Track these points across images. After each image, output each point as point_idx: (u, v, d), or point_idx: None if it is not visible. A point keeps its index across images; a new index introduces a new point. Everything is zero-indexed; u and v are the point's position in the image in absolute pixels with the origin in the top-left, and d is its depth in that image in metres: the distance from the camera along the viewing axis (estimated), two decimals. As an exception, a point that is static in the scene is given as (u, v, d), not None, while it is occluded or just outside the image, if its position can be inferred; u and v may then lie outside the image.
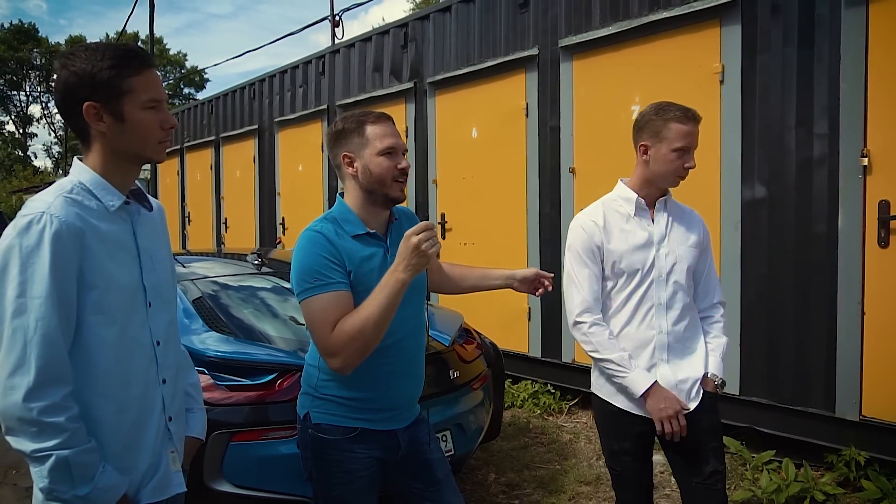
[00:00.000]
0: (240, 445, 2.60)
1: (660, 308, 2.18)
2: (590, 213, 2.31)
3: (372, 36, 6.98)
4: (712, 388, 2.20)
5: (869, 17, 3.38)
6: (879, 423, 3.40)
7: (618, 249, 2.21)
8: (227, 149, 9.84)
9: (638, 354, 2.19)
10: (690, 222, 2.28)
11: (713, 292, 2.31)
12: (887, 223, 3.35)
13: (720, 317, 2.30)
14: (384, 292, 1.72)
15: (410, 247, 1.69)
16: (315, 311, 1.77)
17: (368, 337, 1.72)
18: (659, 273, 2.18)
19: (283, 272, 3.83)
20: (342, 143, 1.92)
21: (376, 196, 1.90)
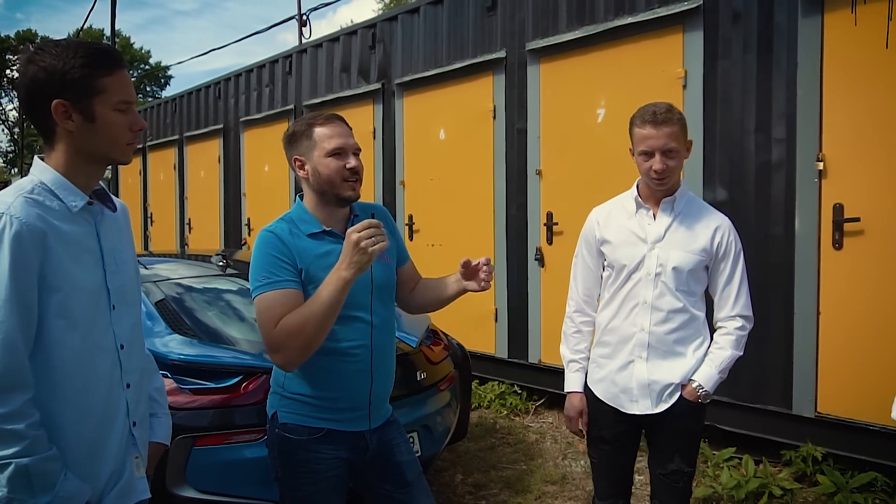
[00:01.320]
0: (204, 450, 2.56)
1: (644, 306, 2.19)
2: (600, 207, 2.38)
3: (340, 36, 6.95)
4: (692, 396, 2.17)
5: (824, 26, 3.48)
6: (834, 420, 3.51)
7: (612, 242, 2.26)
8: (192, 148, 9.69)
9: (621, 349, 2.24)
10: (702, 227, 2.20)
11: (732, 305, 2.21)
12: (841, 226, 3.46)
13: (734, 330, 2.20)
14: (326, 290, 1.73)
15: (351, 244, 1.70)
16: (262, 307, 1.80)
17: (310, 334, 1.73)
18: (647, 272, 2.19)
19: (248, 274, 3.78)
20: (294, 146, 1.95)
21: (328, 196, 1.92)
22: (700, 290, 2.23)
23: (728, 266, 2.20)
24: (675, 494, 2.26)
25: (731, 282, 2.21)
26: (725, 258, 2.20)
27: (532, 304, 4.99)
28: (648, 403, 2.21)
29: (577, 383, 2.35)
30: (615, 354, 2.26)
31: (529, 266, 5.01)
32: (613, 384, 2.26)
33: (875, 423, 3.33)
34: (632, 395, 2.23)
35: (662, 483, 2.27)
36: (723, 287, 2.22)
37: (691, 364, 2.20)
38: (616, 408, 2.26)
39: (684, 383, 2.19)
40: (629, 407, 2.24)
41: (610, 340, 2.27)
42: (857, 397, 3.42)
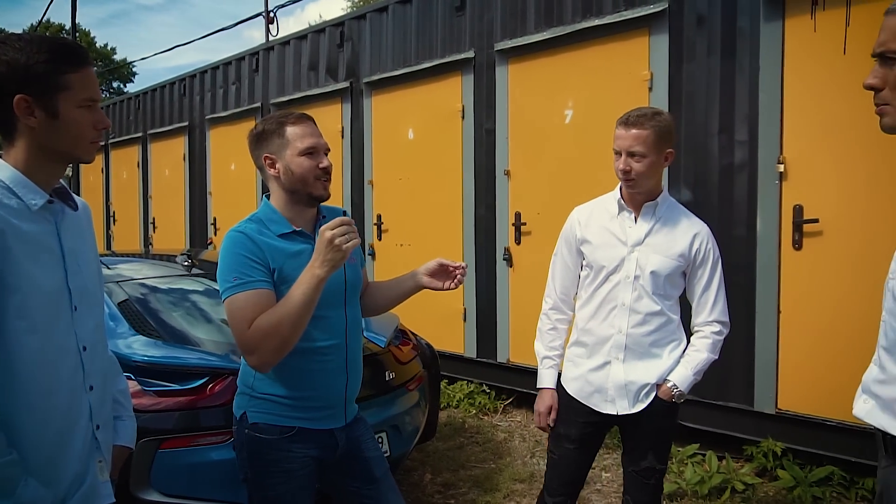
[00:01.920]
0: (169, 453, 2.51)
1: (622, 309, 2.22)
2: (582, 207, 2.40)
3: (308, 34, 6.89)
4: (667, 395, 2.22)
5: (785, 32, 3.57)
6: (794, 416, 3.60)
7: (592, 243, 2.29)
8: (156, 146, 9.51)
9: (598, 350, 2.27)
10: (681, 233, 2.23)
11: (709, 310, 2.26)
12: (801, 227, 3.55)
13: (711, 334, 2.25)
14: (300, 289, 1.72)
15: (325, 242, 1.70)
16: (234, 309, 1.78)
17: (285, 333, 1.72)
18: (626, 275, 2.22)
19: (214, 274, 3.72)
20: (263, 144, 1.93)
21: (300, 195, 1.92)
22: (676, 293, 2.28)
23: (706, 272, 2.25)
24: (647, 491, 2.30)
25: (709, 288, 2.26)
26: (703, 264, 2.25)
27: (500, 303, 5.01)
28: (626, 404, 2.24)
29: (550, 380, 2.37)
30: (592, 354, 2.29)
31: (498, 266, 5.04)
32: (588, 383, 2.29)
33: (832, 419, 3.43)
34: (607, 395, 2.26)
35: (635, 480, 2.32)
36: (701, 293, 2.26)
37: (667, 365, 2.24)
38: (589, 406, 2.29)
39: (659, 383, 2.24)
40: (604, 407, 2.27)
41: (587, 341, 2.30)
42: (815, 394, 3.51)
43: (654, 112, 2.19)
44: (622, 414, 2.25)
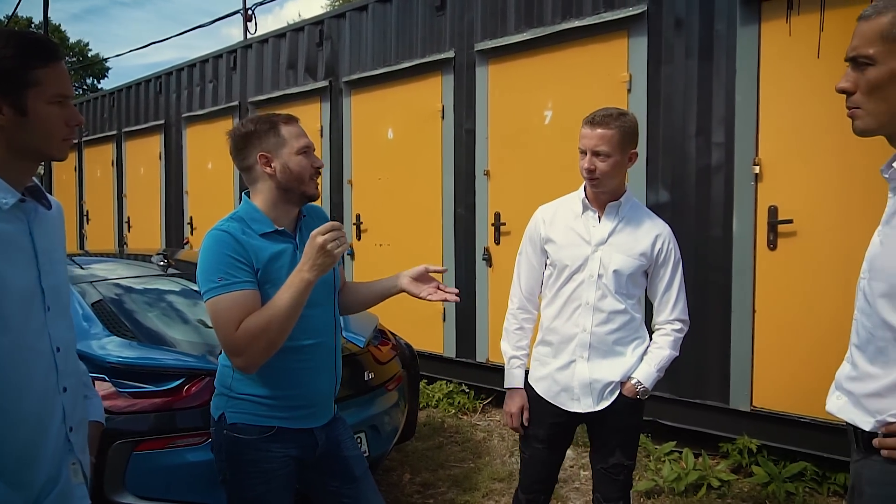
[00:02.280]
0: (144, 455, 2.48)
1: (586, 307, 2.24)
2: (546, 206, 2.41)
3: (286, 32, 6.84)
4: (631, 393, 2.24)
5: (761, 36, 3.62)
6: (768, 413, 3.65)
7: (556, 242, 2.30)
8: (131, 144, 9.38)
9: (563, 348, 2.29)
10: (643, 233, 2.26)
11: (670, 309, 2.29)
12: (775, 227, 3.60)
13: (672, 332, 2.29)
14: (289, 292, 1.72)
15: (316, 246, 1.70)
16: (220, 310, 1.76)
17: (272, 336, 1.73)
18: (590, 274, 2.24)
19: (190, 274, 3.69)
20: (256, 143, 1.91)
21: (292, 193, 1.92)
22: (639, 292, 2.31)
23: (668, 272, 2.28)
24: (616, 487, 2.33)
25: (670, 287, 2.29)
26: (665, 264, 2.28)
27: (480, 303, 5.02)
28: (590, 401, 2.26)
29: (518, 380, 2.38)
30: (557, 354, 2.31)
31: (477, 266, 5.04)
32: (555, 382, 2.31)
33: (805, 416, 3.49)
34: (573, 393, 2.28)
35: (604, 476, 2.34)
36: (662, 292, 2.30)
37: (631, 363, 2.27)
38: (557, 405, 2.30)
39: (624, 381, 2.26)
40: (570, 405, 2.29)
41: (552, 340, 2.32)
42: (789, 392, 3.56)
43: (620, 112, 2.21)
44: (588, 412, 2.27)
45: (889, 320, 1.30)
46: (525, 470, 2.43)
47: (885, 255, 1.34)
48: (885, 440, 1.30)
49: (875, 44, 1.30)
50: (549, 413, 2.32)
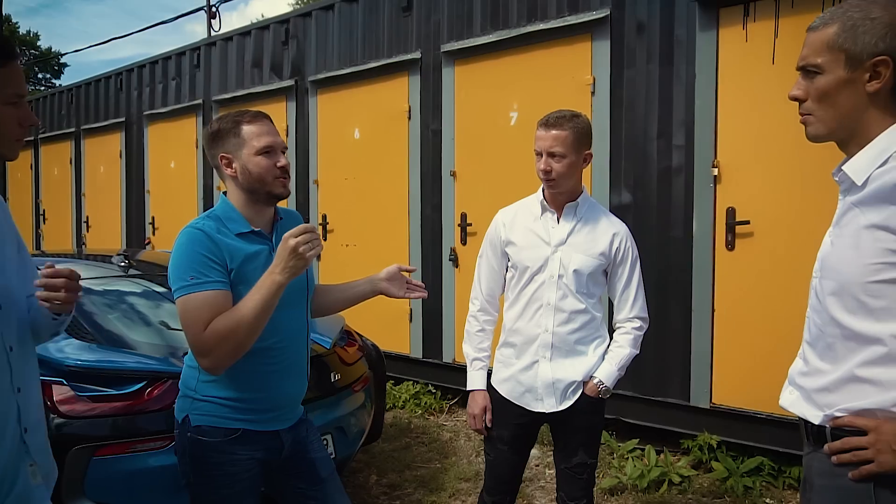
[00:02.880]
0: (104, 460, 2.43)
1: (548, 308, 2.27)
2: (506, 209, 2.43)
3: (251, 30, 6.77)
4: (593, 392, 2.27)
5: (719, 41, 3.71)
6: (727, 410, 3.74)
7: (516, 245, 2.33)
8: (90, 142, 9.16)
9: (526, 349, 2.31)
10: (601, 232, 2.29)
11: (630, 307, 2.33)
12: (733, 228, 3.69)
13: (632, 330, 2.33)
14: (260, 293, 1.71)
15: (288, 249, 1.69)
16: (189, 309, 1.74)
17: (241, 337, 1.71)
18: (550, 274, 2.26)
19: (152, 275, 3.63)
20: (219, 143, 1.90)
21: (258, 195, 1.90)
22: (599, 292, 2.34)
23: (626, 271, 2.32)
24: (579, 486, 2.36)
25: (629, 286, 2.33)
26: (623, 263, 2.32)
27: (446, 304, 5.04)
28: (553, 401, 2.29)
29: (480, 381, 2.39)
30: (520, 355, 2.32)
31: (444, 266, 5.06)
32: (519, 384, 2.33)
33: (762, 412, 3.58)
34: (537, 393, 2.30)
35: (568, 476, 2.37)
36: (621, 290, 2.34)
37: (593, 362, 2.30)
38: (521, 406, 2.32)
39: (586, 380, 2.29)
40: (534, 405, 2.31)
41: (515, 341, 2.34)
42: (747, 388, 3.66)
43: (573, 114, 2.25)
44: (551, 412, 2.30)
45: (837, 317, 1.35)
46: (490, 471, 2.45)
47: (834, 255, 1.39)
48: (834, 444, 1.35)
49: (823, 53, 1.35)
50: (514, 414, 2.34)
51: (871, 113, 1.34)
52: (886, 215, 1.26)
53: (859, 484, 1.31)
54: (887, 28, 1.29)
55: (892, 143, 1.30)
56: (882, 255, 1.27)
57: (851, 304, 1.32)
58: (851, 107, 1.34)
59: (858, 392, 1.32)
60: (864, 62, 1.31)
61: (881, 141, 1.32)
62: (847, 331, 1.34)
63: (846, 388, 1.34)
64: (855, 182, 1.34)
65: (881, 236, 1.27)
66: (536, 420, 2.35)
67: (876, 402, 1.30)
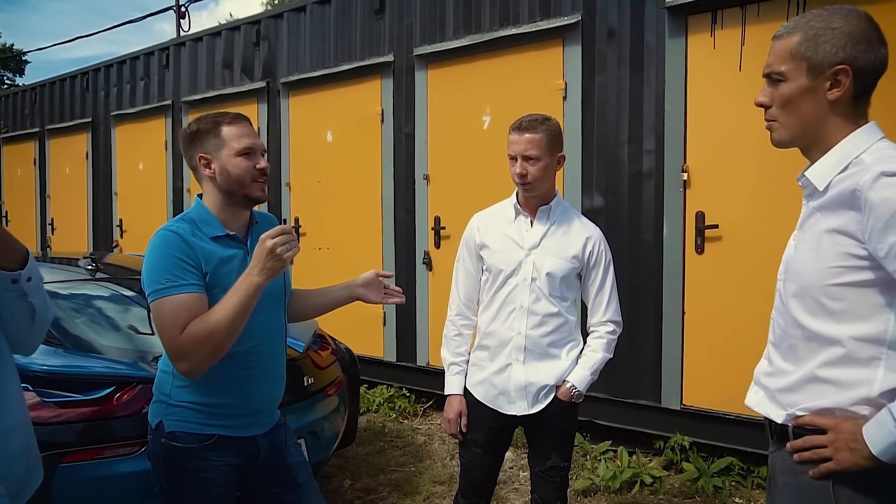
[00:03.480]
0: (71, 467, 2.38)
1: (521, 311, 2.28)
2: (481, 213, 2.45)
3: (222, 31, 6.69)
4: (566, 396, 2.28)
5: (688, 48, 3.78)
6: (697, 411, 3.80)
7: (490, 248, 2.34)
8: (55, 142, 8.97)
9: (499, 352, 2.32)
10: (574, 236, 2.31)
11: (603, 311, 2.34)
12: (703, 232, 3.76)
13: (605, 334, 2.34)
14: (237, 296, 1.69)
15: (266, 250, 1.67)
16: (165, 312, 1.71)
17: (218, 340, 1.69)
18: (524, 277, 2.28)
19: (121, 278, 3.56)
20: (197, 144, 1.88)
21: (236, 197, 1.88)
22: (572, 295, 2.36)
23: (599, 274, 2.34)
24: (553, 488, 2.37)
25: (602, 289, 2.35)
26: (596, 267, 2.34)
27: (420, 307, 5.04)
28: (525, 405, 2.30)
29: (457, 386, 2.40)
30: (494, 357, 2.34)
31: (417, 270, 5.06)
32: (493, 386, 2.34)
33: (731, 413, 3.65)
34: (510, 396, 2.31)
35: (541, 479, 2.38)
36: (595, 294, 2.36)
37: (565, 366, 2.31)
38: (495, 409, 2.33)
39: (559, 384, 2.30)
40: (507, 408, 2.32)
41: (489, 344, 2.35)
42: (716, 390, 3.72)
43: (544, 118, 2.27)
44: (523, 415, 2.31)
45: (799, 319, 1.39)
46: (465, 475, 2.45)
47: (797, 259, 1.43)
48: (795, 442, 1.39)
49: (787, 61, 1.39)
50: (488, 417, 2.35)
51: (833, 120, 1.38)
52: (846, 220, 1.30)
53: (819, 481, 1.35)
54: (847, 38, 1.33)
55: (853, 150, 1.35)
56: (842, 258, 1.31)
57: (812, 307, 1.36)
58: (813, 114, 1.38)
59: (819, 392, 1.36)
60: (824, 70, 1.35)
61: (842, 147, 1.36)
62: (808, 332, 1.37)
63: (807, 387, 1.38)
64: (817, 187, 1.38)
65: (841, 240, 1.31)
66: (510, 423, 2.36)
67: (835, 401, 1.34)
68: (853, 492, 1.32)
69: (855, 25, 1.34)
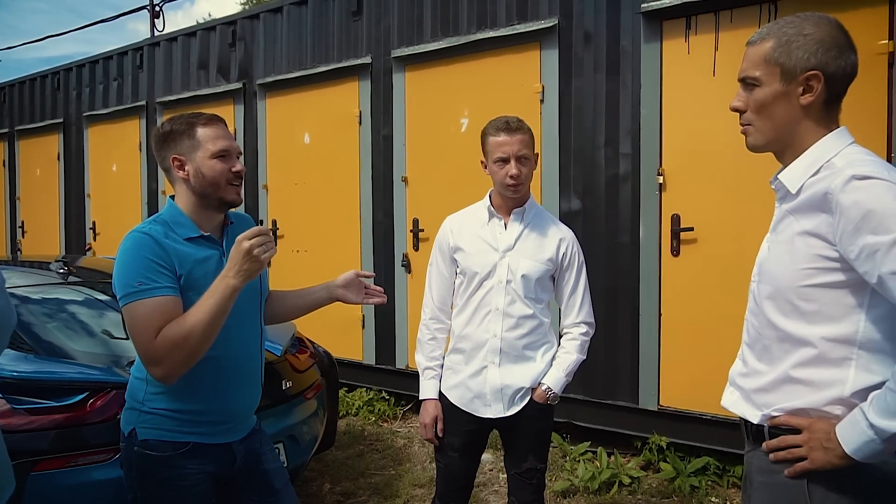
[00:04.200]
0: (43, 475, 2.33)
1: (496, 313, 2.28)
2: (454, 215, 2.43)
3: (197, 31, 6.62)
4: (542, 399, 2.29)
5: (663, 52, 3.83)
6: (674, 412, 3.84)
7: (464, 251, 2.33)
8: (25, 143, 8.80)
9: (474, 355, 2.31)
10: (548, 238, 2.32)
11: (577, 312, 2.36)
12: (678, 234, 3.80)
13: (579, 335, 2.35)
14: (213, 298, 1.66)
15: (242, 251, 1.65)
16: (138, 316, 1.67)
17: (194, 344, 1.66)
18: (499, 279, 2.27)
19: (93, 282, 3.51)
20: (171, 145, 1.84)
21: (210, 200, 1.85)
22: (547, 297, 2.37)
23: (573, 276, 2.36)
24: (530, 490, 2.38)
25: (575, 291, 2.37)
26: (570, 268, 2.35)
27: (399, 309, 5.03)
28: (501, 407, 2.30)
29: (432, 390, 2.38)
30: (469, 361, 2.33)
31: (396, 272, 5.05)
32: (468, 390, 2.33)
33: (707, 413, 3.69)
34: (485, 399, 2.30)
35: (518, 481, 2.38)
36: (568, 296, 2.37)
37: (541, 368, 2.32)
38: (470, 412, 2.32)
39: (534, 386, 2.31)
40: (483, 411, 2.31)
41: (464, 347, 2.34)
42: (693, 391, 3.77)
43: (517, 118, 2.28)
44: (499, 417, 2.31)
45: (773, 320, 1.42)
46: (442, 479, 2.44)
47: (771, 260, 1.45)
48: (771, 442, 1.41)
49: (760, 67, 1.42)
50: (463, 421, 2.34)
51: (805, 124, 1.41)
52: (818, 222, 1.33)
53: (794, 480, 1.37)
54: (818, 44, 1.36)
55: (825, 154, 1.37)
56: (813, 260, 1.33)
57: (786, 308, 1.39)
58: (787, 118, 1.41)
59: (793, 392, 1.38)
60: (797, 76, 1.38)
61: (814, 151, 1.39)
62: (782, 333, 1.40)
63: (782, 388, 1.40)
64: (790, 190, 1.41)
65: (813, 242, 1.33)
66: (486, 426, 2.36)
67: (809, 401, 1.36)
68: (826, 490, 1.34)
69: (826, 32, 1.37)
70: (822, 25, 1.37)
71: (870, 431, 1.24)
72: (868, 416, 1.24)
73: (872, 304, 1.29)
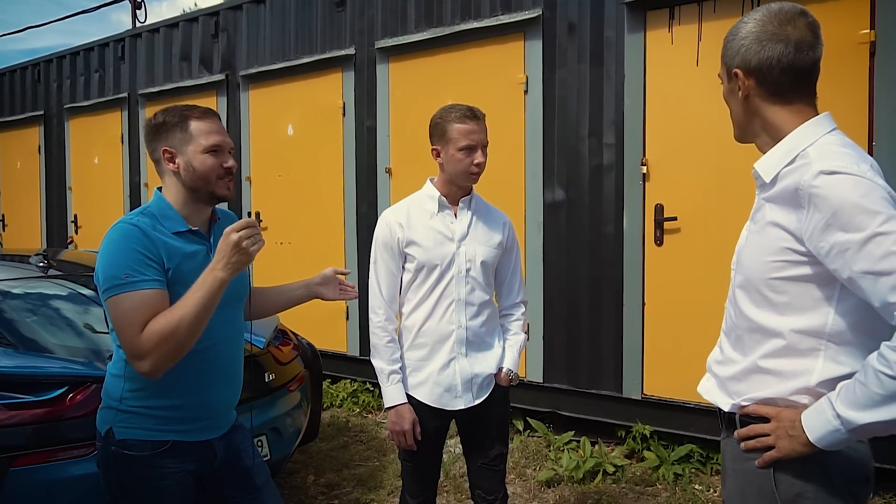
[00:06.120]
0: (22, 471, 2.31)
1: (459, 303, 2.26)
2: (395, 209, 2.35)
3: (179, 22, 6.55)
4: (506, 382, 2.34)
5: (646, 43, 3.83)
6: (657, 400, 3.87)
7: (420, 245, 2.26)
8: (5, 136, 8.68)
9: (439, 349, 2.27)
10: (495, 223, 2.35)
11: (516, 292, 2.43)
12: (662, 224, 3.82)
13: (520, 315, 2.43)
14: (201, 291, 1.64)
15: (231, 244, 1.63)
16: (124, 310, 1.64)
17: (181, 338, 1.63)
18: (458, 269, 2.26)
19: (75, 275, 3.47)
20: (162, 136, 1.81)
21: (200, 194, 1.82)
22: (492, 282, 2.40)
23: (513, 257, 2.42)
24: (497, 478, 2.38)
25: (515, 272, 2.43)
26: (511, 250, 2.41)
27: (384, 301, 5.01)
28: (470, 397, 2.29)
29: (400, 395, 2.27)
30: (433, 355, 2.28)
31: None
32: (437, 385, 2.28)
33: (690, 402, 3.73)
34: (456, 391, 2.28)
35: (485, 471, 2.38)
36: (509, 277, 2.42)
37: (499, 353, 2.37)
38: (440, 408, 2.29)
39: (495, 372, 2.34)
40: (453, 403, 2.29)
41: (426, 342, 2.28)
42: (676, 379, 3.79)
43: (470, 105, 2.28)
44: (468, 407, 2.29)
45: (745, 310, 1.42)
46: (411, 476, 2.38)
47: (746, 250, 1.46)
48: (741, 431, 1.42)
49: (721, 65, 1.48)
50: (430, 417, 2.29)
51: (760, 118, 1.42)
52: (787, 216, 1.33)
53: (762, 468, 1.38)
54: (742, 41, 1.39)
55: (800, 143, 1.37)
56: (782, 253, 1.34)
57: (757, 298, 1.40)
58: (740, 113, 1.46)
59: (762, 382, 1.40)
60: (731, 74, 1.43)
61: (789, 140, 1.39)
62: (752, 323, 1.41)
63: (752, 377, 1.42)
64: (765, 179, 1.41)
65: (782, 235, 1.34)
66: (449, 418, 2.34)
67: (777, 391, 1.37)
68: (793, 478, 1.35)
69: (753, 26, 1.37)
70: (756, 19, 1.38)
71: (836, 421, 1.24)
72: (835, 407, 1.25)
73: (842, 297, 1.29)
